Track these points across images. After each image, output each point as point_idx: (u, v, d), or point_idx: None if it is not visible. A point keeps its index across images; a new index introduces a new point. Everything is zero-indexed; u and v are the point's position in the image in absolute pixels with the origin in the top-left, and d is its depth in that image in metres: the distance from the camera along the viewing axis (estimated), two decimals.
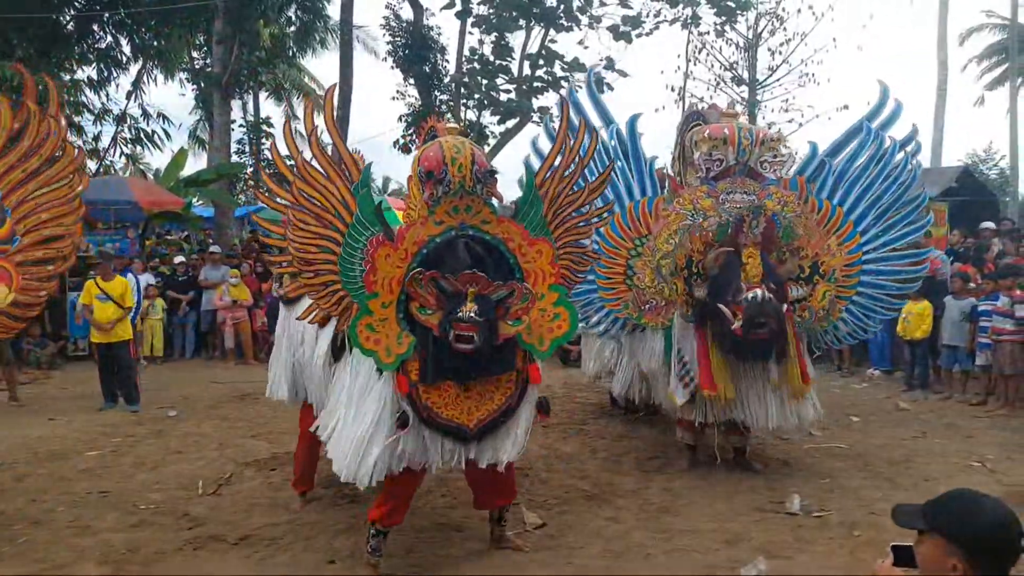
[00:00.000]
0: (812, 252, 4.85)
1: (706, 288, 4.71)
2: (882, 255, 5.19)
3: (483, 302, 3.13)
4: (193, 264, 11.28)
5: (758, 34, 17.94)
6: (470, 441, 3.34)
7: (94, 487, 4.85)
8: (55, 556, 3.77)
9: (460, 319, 3.09)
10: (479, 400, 3.32)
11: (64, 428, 6.54)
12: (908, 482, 4.94)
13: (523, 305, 3.24)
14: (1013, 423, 6.64)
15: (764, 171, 4.84)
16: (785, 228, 4.73)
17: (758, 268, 4.59)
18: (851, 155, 5.29)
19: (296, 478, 4.54)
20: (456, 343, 3.12)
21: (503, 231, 3.35)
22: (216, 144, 15.04)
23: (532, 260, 3.37)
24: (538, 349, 3.41)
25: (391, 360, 3.19)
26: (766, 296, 4.44)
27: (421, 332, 3.21)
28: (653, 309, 4.95)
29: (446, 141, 3.33)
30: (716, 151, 4.80)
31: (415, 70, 16.10)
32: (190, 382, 8.84)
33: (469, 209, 3.29)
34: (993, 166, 29.56)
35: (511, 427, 3.43)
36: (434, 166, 3.24)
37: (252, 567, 3.65)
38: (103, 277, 7.49)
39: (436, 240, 3.25)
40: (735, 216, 4.66)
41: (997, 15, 22.80)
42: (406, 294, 3.21)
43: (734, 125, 4.89)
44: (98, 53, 16.23)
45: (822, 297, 4.87)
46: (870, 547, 3.77)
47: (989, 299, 7.32)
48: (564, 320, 3.41)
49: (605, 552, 3.82)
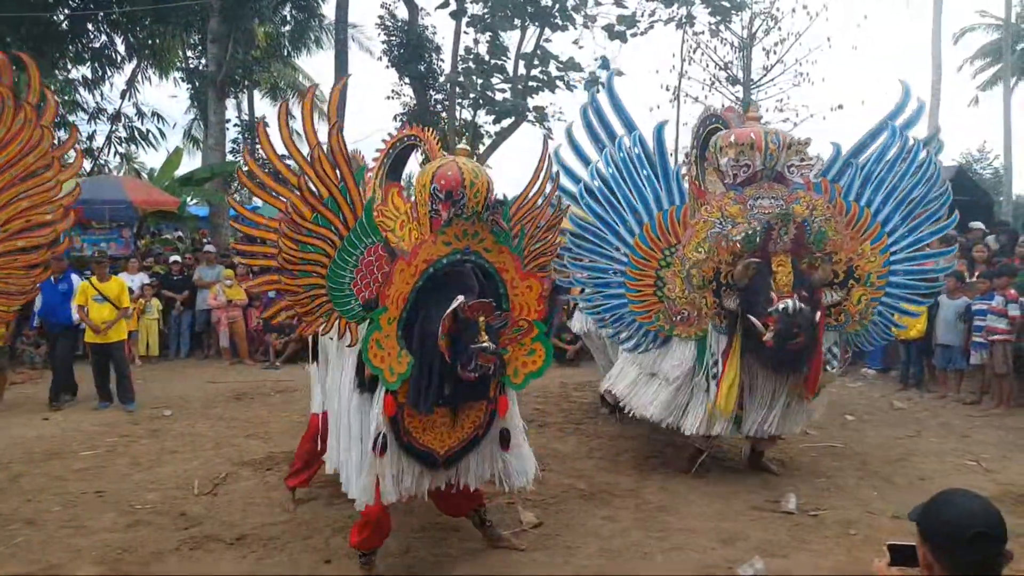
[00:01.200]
0: (846, 256, 4.76)
1: (736, 299, 4.62)
2: (909, 255, 5.11)
3: (491, 332, 3.12)
4: (188, 263, 11.24)
5: (753, 34, 17.99)
6: (437, 468, 3.37)
7: (90, 487, 4.83)
8: (51, 556, 3.75)
9: (486, 350, 3.05)
10: (451, 428, 3.33)
11: (59, 428, 6.52)
12: (903, 481, 4.96)
13: (514, 335, 3.32)
14: (1008, 422, 6.68)
15: (791, 175, 4.75)
16: (816, 233, 4.64)
17: (789, 276, 4.48)
18: (876, 155, 5.19)
19: (292, 472, 4.48)
20: (466, 371, 3.08)
21: (501, 261, 3.37)
22: (211, 143, 15.00)
23: (521, 294, 3.41)
24: (513, 381, 3.42)
25: (394, 379, 3.12)
26: (798, 306, 4.33)
27: (420, 354, 3.13)
28: (685, 320, 4.83)
29: (464, 164, 3.32)
30: (743, 156, 4.68)
31: (410, 69, 16.09)
32: (185, 382, 8.82)
33: (476, 235, 3.30)
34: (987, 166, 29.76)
35: (475, 456, 3.47)
36: (453, 187, 3.23)
37: (248, 567, 3.65)
38: (99, 278, 7.45)
39: (443, 261, 3.24)
40: (763, 224, 4.57)
41: (991, 15, 22.94)
42: (407, 311, 3.18)
43: (760, 129, 4.80)
44: (92, 52, 16.18)
45: (858, 301, 4.81)
46: (866, 546, 3.79)
47: (984, 299, 7.36)
48: (539, 356, 3.44)
49: (602, 551, 3.82)
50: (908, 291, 5.14)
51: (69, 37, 15.76)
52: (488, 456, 3.53)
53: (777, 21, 17.47)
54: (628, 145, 5.21)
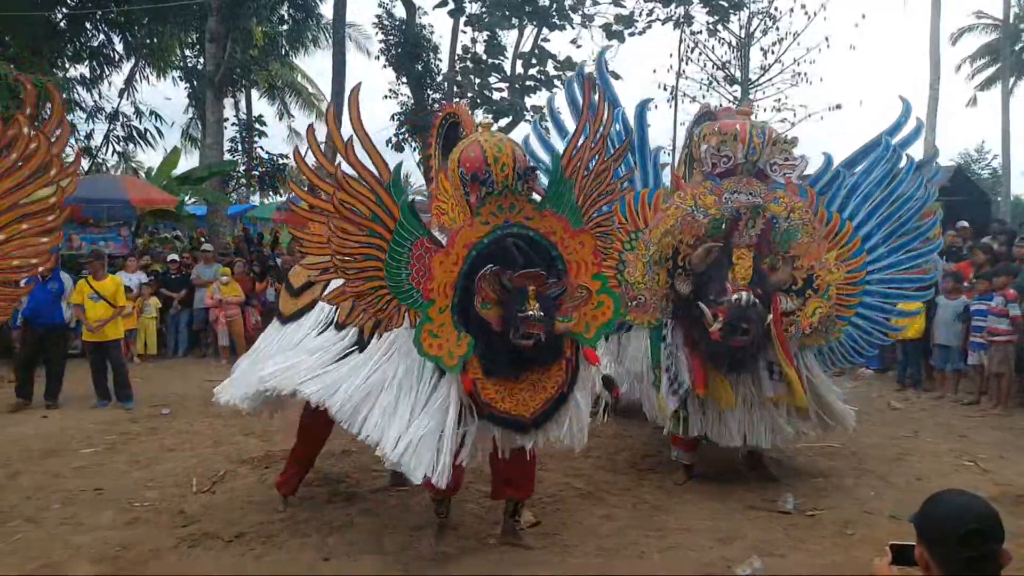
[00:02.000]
0: (808, 264, 4.56)
1: (690, 284, 4.50)
2: (887, 276, 4.94)
3: (542, 300, 3.21)
4: (186, 262, 11.23)
5: (751, 33, 18.02)
6: (529, 430, 3.45)
7: (88, 484, 4.84)
8: (50, 553, 3.75)
9: (531, 318, 3.16)
10: (533, 391, 3.43)
11: (58, 425, 6.51)
12: (901, 481, 4.97)
13: (574, 303, 3.36)
14: (1005, 423, 6.70)
15: (773, 173, 4.61)
16: (783, 233, 4.49)
17: (747, 270, 4.37)
18: (865, 169, 5.04)
19: (282, 480, 4.44)
20: (520, 340, 3.20)
21: (546, 226, 3.41)
22: (209, 142, 14.99)
23: (575, 251, 3.45)
24: (585, 337, 3.50)
25: (454, 362, 3.26)
26: (751, 300, 4.21)
27: (477, 329, 3.28)
28: (641, 306, 4.66)
29: (486, 140, 3.36)
30: (725, 147, 4.56)
31: (408, 69, 16.09)
32: (183, 380, 8.80)
33: (513, 207, 3.36)
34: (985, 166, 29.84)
35: (567, 412, 3.55)
36: (477, 167, 3.29)
37: (247, 565, 3.65)
38: (95, 277, 7.45)
39: (484, 241, 3.32)
40: (732, 212, 4.44)
41: (988, 16, 22.99)
42: (459, 296, 3.28)
43: (746, 122, 4.70)
44: (91, 51, 16.17)
45: (812, 313, 4.56)
46: (863, 545, 3.80)
47: (983, 299, 7.37)
48: (608, 307, 3.52)
49: (599, 550, 3.83)
50: (881, 314, 4.96)
51: (67, 36, 15.75)
52: (571, 414, 3.58)
53: (775, 21, 17.52)
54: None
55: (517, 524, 3.92)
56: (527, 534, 3.94)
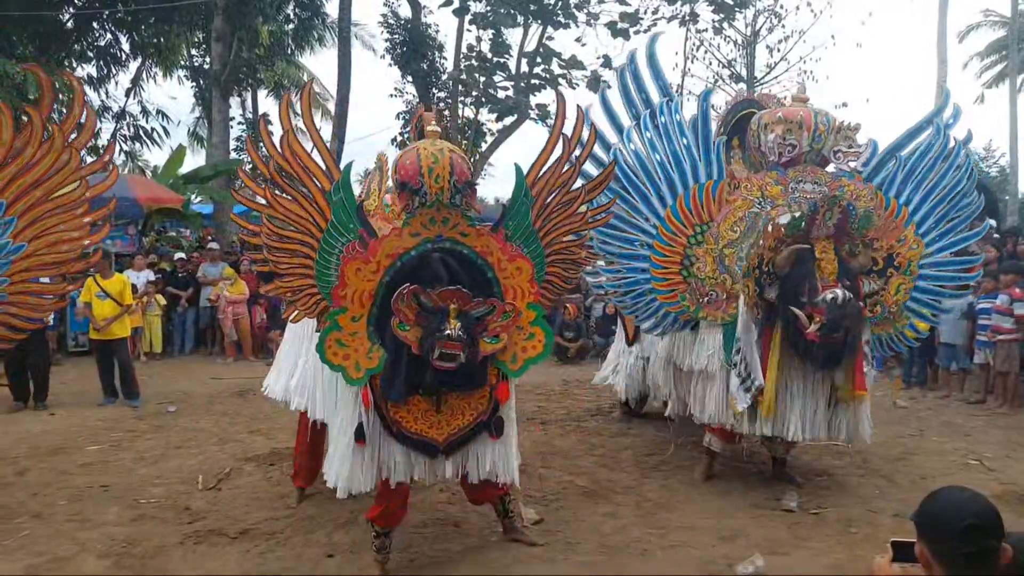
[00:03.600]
0: (887, 244, 4.52)
1: (776, 288, 4.31)
2: (938, 260, 4.86)
3: (465, 319, 3.06)
4: (195, 260, 11.28)
5: (756, 31, 17.98)
6: (437, 456, 3.32)
7: (95, 481, 4.87)
8: (56, 549, 3.79)
9: (448, 337, 3.01)
10: (450, 415, 3.29)
11: (65, 423, 6.56)
12: (905, 480, 4.96)
13: (503, 323, 3.20)
14: (1011, 421, 6.67)
15: (837, 160, 4.54)
16: (860, 219, 4.38)
17: (834, 264, 4.25)
18: (920, 151, 4.89)
19: (294, 472, 4.57)
20: (438, 361, 3.05)
21: (481, 244, 3.25)
22: (215, 141, 15.07)
23: (511, 276, 3.28)
24: (510, 367, 3.33)
25: (360, 375, 3.13)
26: (847, 297, 4.10)
27: (394, 347, 3.12)
28: (714, 302, 4.50)
29: (424, 149, 3.23)
30: (790, 135, 4.48)
31: (413, 67, 16.11)
32: (189, 378, 8.86)
33: (446, 221, 3.19)
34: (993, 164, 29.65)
35: (484, 442, 3.40)
36: (410, 176, 3.16)
37: (252, 561, 3.67)
38: (102, 275, 7.50)
39: (411, 253, 3.16)
40: (810, 206, 4.30)
41: (996, 13, 22.84)
42: (378, 307, 3.15)
43: (810, 110, 4.59)
44: (97, 50, 16.25)
45: (896, 291, 4.53)
46: (867, 544, 3.79)
47: (988, 297, 7.34)
48: (539, 340, 3.34)
49: (602, 548, 3.83)
50: (932, 297, 4.88)
51: (74, 35, 15.83)
52: (490, 444, 3.43)
53: (781, 19, 17.49)
54: (668, 111, 4.76)
55: (519, 521, 3.92)
56: (530, 531, 3.95)
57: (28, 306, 4.07)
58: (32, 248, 3.96)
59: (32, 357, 7.08)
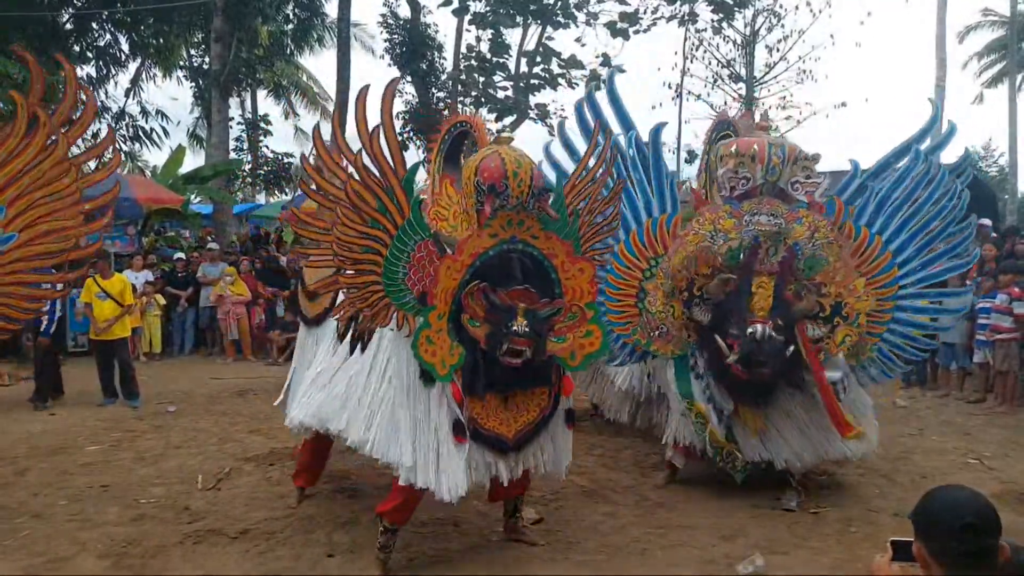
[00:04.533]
0: (836, 291, 4.32)
1: (709, 313, 4.35)
2: (919, 291, 4.70)
3: (532, 318, 3.19)
4: (195, 260, 11.27)
5: (756, 31, 18.00)
6: (508, 452, 3.41)
7: (95, 481, 4.87)
8: (56, 549, 3.79)
9: (516, 333, 3.13)
10: (517, 412, 3.40)
11: (64, 423, 6.56)
12: (905, 479, 4.97)
13: (569, 323, 3.34)
14: (1011, 421, 6.68)
15: (795, 192, 4.41)
16: (807, 259, 4.30)
17: (767, 300, 4.18)
18: (896, 179, 4.78)
19: (296, 471, 4.55)
20: (506, 357, 3.16)
21: (549, 247, 3.38)
22: (214, 141, 15.06)
23: (573, 277, 3.42)
24: (569, 364, 3.47)
25: (446, 372, 3.21)
26: (767, 333, 4.06)
27: (467, 344, 3.23)
28: (664, 336, 4.52)
29: (507, 153, 3.32)
30: (743, 168, 4.39)
31: (412, 67, 16.12)
32: (189, 378, 8.86)
33: (522, 224, 3.32)
34: (993, 163, 29.67)
35: (547, 437, 3.52)
36: (496, 178, 3.24)
37: (251, 561, 3.67)
38: (102, 275, 7.50)
39: (489, 253, 3.28)
40: (751, 239, 4.28)
41: (995, 13, 22.85)
42: (456, 305, 3.24)
43: (764, 141, 4.49)
44: (97, 51, 16.24)
45: (841, 341, 4.33)
46: (866, 543, 3.80)
47: (988, 297, 7.34)
48: (596, 337, 3.47)
49: (602, 547, 3.84)
50: (914, 329, 4.72)
51: (73, 36, 15.83)
52: (550, 439, 3.56)
53: (780, 18, 17.50)
54: (623, 145, 4.88)
55: (520, 521, 3.94)
56: (530, 531, 3.96)
57: (22, 296, 4.03)
58: (23, 238, 3.90)
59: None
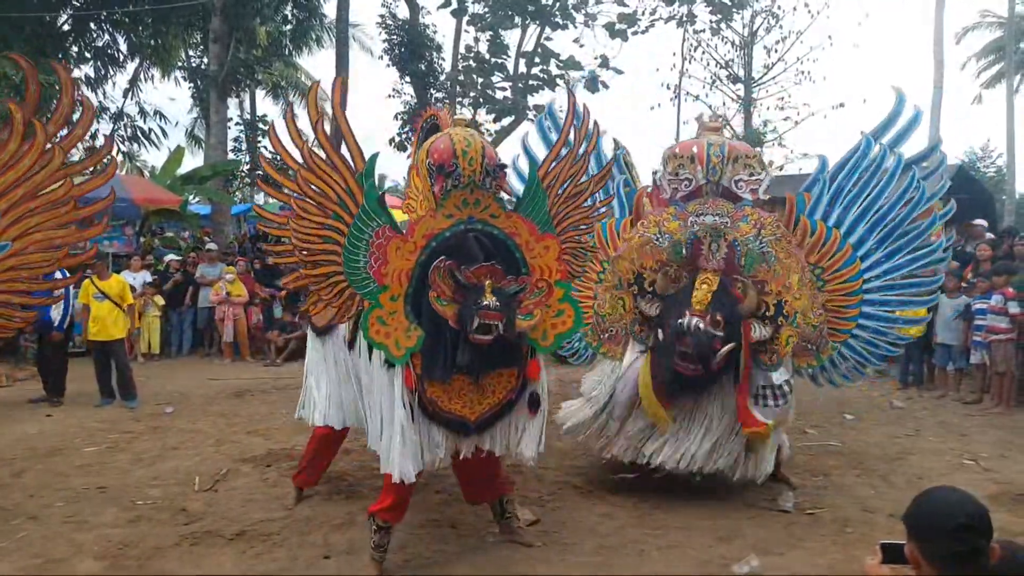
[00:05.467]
0: (776, 288, 4.30)
1: (657, 307, 4.39)
2: (886, 283, 4.68)
3: (500, 295, 3.16)
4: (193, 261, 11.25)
5: (754, 32, 18.03)
6: (470, 434, 3.39)
7: (91, 483, 4.87)
8: (53, 550, 3.79)
9: (487, 307, 3.08)
10: (481, 394, 3.36)
11: (61, 424, 6.56)
12: (901, 480, 4.97)
13: (536, 299, 3.30)
14: (1007, 421, 6.69)
15: (739, 190, 4.42)
16: (746, 256, 4.30)
17: (706, 295, 4.16)
18: (848, 172, 4.79)
19: (298, 470, 4.54)
20: (477, 334, 3.11)
21: (510, 226, 3.36)
22: (212, 142, 15.05)
23: (539, 256, 3.39)
24: (541, 344, 3.45)
25: (401, 353, 3.21)
26: (696, 325, 4.04)
27: (431, 326, 3.20)
28: (613, 338, 4.55)
29: (456, 133, 3.33)
30: (683, 169, 4.43)
31: (411, 68, 16.13)
32: (186, 379, 8.86)
33: (478, 203, 3.30)
34: (990, 164, 29.72)
35: (513, 420, 3.49)
36: (445, 159, 3.24)
37: (248, 562, 3.67)
38: (99, 276, 7.50)
39: (445, 233, 3.27)
40: (690, 235, 4.34)
41: (993, 14, 22.88)
42: (414, 287, 3.22)
43: (703, 141, 4.51)
44: (95, 51, 16.22)
45: (785, 342, 4.29)
46: (862, 544, 3.80)
47: (983, 298, 7.35)
48: (568, 316, 3.45)
49: (599, 548, 3.84)
50: (885, 323, 4.72)
51: (72, 36, 15.81)
52: (515, 422, 3.52)
53: (778, 19, 17.54)
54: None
55: (515, 522, 3.93)
56: (527, 532, 3.96)
57: (14, 305, 4.01)
58: (17, 247, 3.88)
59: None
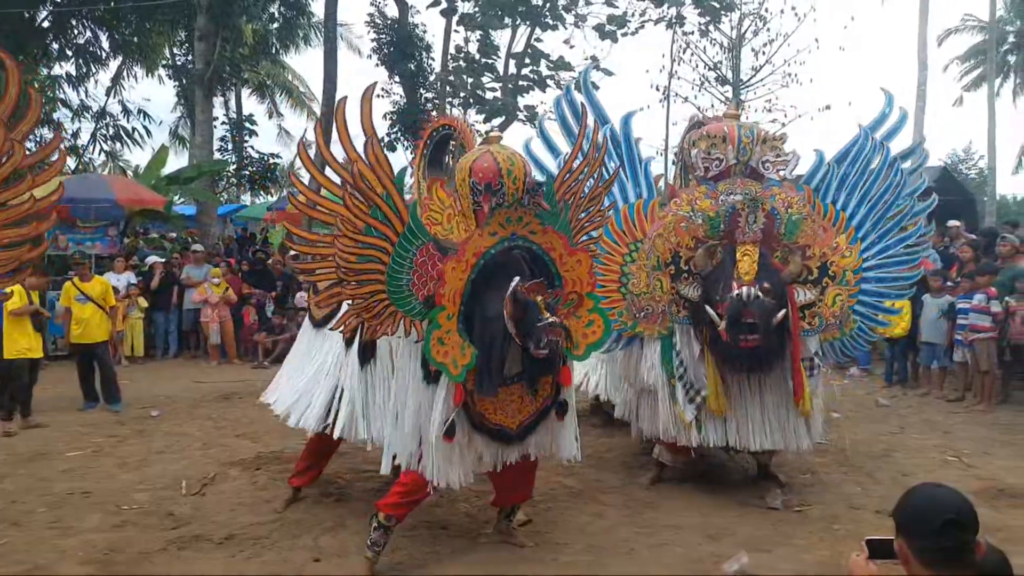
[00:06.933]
0: (819, 251, 4.46)
1: (698, 287, 4.42)
2: (879, 262, 4.89)
3: (549, 310, 3.22)
4: (178, 263, 11.13)
5: (742, 34, 18.13)
6: (513, 442, 3.48)
7: (76, 487, 4.80)
8: (37, 557, 3.73)
9: (552, 325, 3.15)
10: (520, 403, 3.45)
11: (45, 428, 6.46)
12: (887, 477, 5.03)
13: (567, 310, 3.40)
14: (989, 419, 6.78)
15: (766, 171, 4.57)
16: (787, 223, 4.45)
17: (752, 266, 4.24)
18: (851, 160, 4.98)
19: (296, 472, 4.51)
20: (538, 349, 3.16)
21: (548, 241, 3.46)
22: (198, 141, 14.91)
23: (572, 269, 3.50)
24: (574, 353, 3.53)
25: (458, 372, 3.22)
26: (752, 294, 4.08)
27: (486, 343, 3.24)
28: (649, 317, 4.59)
29: (498, 152, 3.39)
30: (715, 149, 4.54)
31: (400, 68, 16.08)
32: (172, 382, 8.76)
33: (520, 220, 3.38)
34: (972, 166, 30.13)
35: (548, 424, 3.58)
36: (492, 178, 3.32)
37: (237, 566, 3.64)
38: (81, 278, 7.40)
39: (492, 251, 3.33)
40: (728, 208, 4.39)
41: (975, 18, 23.20)
42: (465, 304, 3.28)
43: (734, 124, 4.67)
44: (76, 48, 16.02)
45: (832, 302, 4.46)
46: (850, 540, 3.83)
47: (966, 297, 7.45)
48: (598, 326, 3.55)
49: (590, 548, 3.85)
50: (879, 298, 4.90)
51: (52, 33, 15.60)
52: (550, 427, 3.61)
53: (766, 22, 17.64)
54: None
55: (509, 523, 3.95)
56: (519, 532, 3.96)
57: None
58: None
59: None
